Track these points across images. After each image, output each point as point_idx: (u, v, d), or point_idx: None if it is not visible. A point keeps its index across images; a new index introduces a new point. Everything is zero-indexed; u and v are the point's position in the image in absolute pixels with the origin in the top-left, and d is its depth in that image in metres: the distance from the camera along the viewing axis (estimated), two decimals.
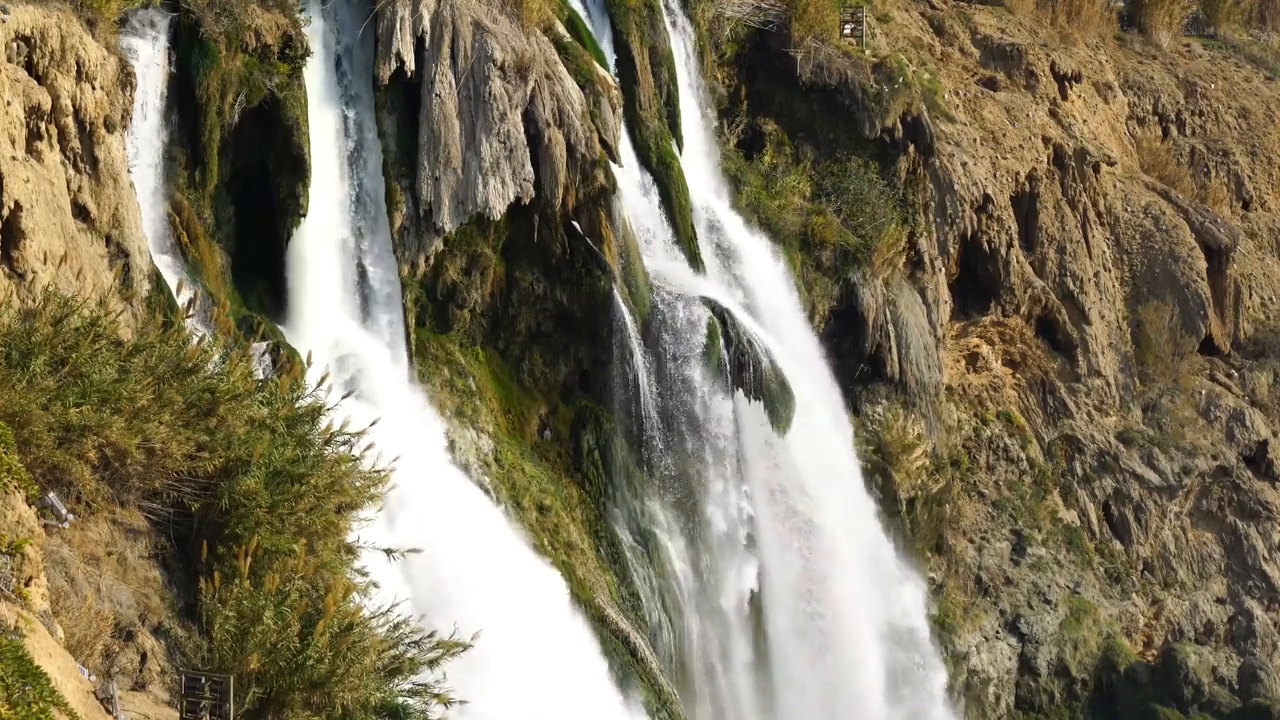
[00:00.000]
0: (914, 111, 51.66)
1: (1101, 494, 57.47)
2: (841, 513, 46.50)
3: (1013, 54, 61.42)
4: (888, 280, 50.71)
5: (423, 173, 39.13)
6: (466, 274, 40.79)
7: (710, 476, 43.16)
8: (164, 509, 21.18)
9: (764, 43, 51.54)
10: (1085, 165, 59.84)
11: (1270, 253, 67.13)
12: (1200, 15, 75.12)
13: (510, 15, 40.74)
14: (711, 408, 42.78)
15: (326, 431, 22.71)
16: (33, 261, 27.54)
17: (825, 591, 45.72)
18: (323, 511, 21.28)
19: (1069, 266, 58.08)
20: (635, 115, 45.19)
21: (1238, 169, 68.05)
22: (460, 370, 40.57)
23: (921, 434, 51.00)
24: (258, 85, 36.22)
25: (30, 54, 29.48)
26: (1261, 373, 62.57)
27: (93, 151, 31.00)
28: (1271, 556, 58.77)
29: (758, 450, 44.19)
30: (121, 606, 19.52)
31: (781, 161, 51.24)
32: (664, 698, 39.68)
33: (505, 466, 40.23)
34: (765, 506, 44.65)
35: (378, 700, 19.84)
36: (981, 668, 51.94)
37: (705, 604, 43.32)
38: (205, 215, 35.85)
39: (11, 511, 17.14)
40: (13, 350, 20.00)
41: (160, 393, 20.83)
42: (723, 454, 43.13)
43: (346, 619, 19.61)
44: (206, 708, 18.17)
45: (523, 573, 37.27)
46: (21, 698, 14.10)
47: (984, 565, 53.46)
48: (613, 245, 41.78)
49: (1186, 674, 55.16)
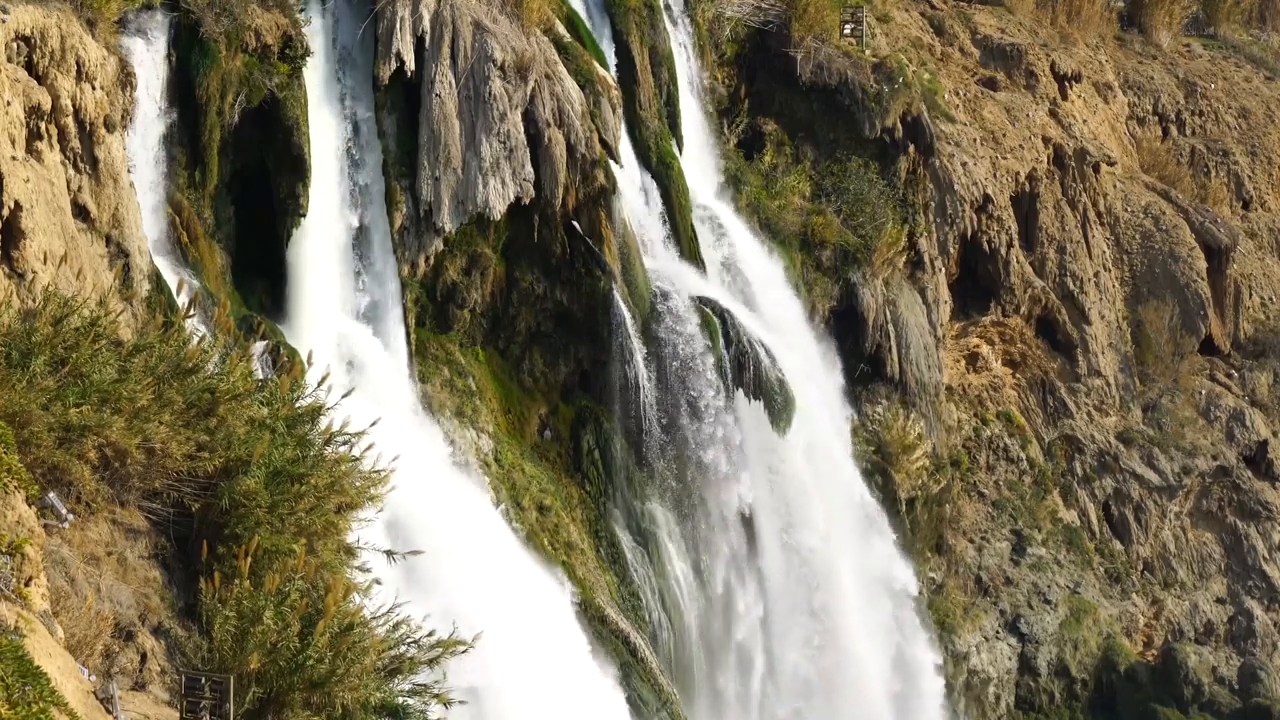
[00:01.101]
0: (914, 111, 51.67)
1: (1101, 494, 57.47)
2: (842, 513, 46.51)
3: (1013, 54, 61.43)
4: (888, 280, 50.72)
5: (423, 173, 39.14)
6: (466, 274, 40.79)
7: (710, 477, 43.16)
8: (164, 509, 21.19)
9: (764, 43, 51.54)
10: (1085, 165, 59.85)
11: (1270, 253, 67.14)
12: (1200, 15, 75.11)
13: (510, 15, 40.75)
14: (711, 408, 42.78)
15: (326, 431, 22.72)
16: (33, 261, 27.54)
17: (825, 591, 45.72)
18: (323, 511, 21.29)
19: (1069, 266, 58.09)
20: (635, 115, 45.18)
21: (1238, 169, 68.06)
22: (460, 370, 40.58)
23: (921, 434, 51.00)
24: (258, 85, 36.22)
25: (30, 54, 29.49)
26: (1261, 373, 62.58)
27: (93, 151, 31.01)
28: (1271, 556, 58.78)
29: (757, 450, 44.21)
30: (121, 606, 19.52)
31: (781, 161, 51.24)
32: (664, 698, 39.68)
33: (505, 466, 40.24)
34: (765, 506, 44.66)
35: (378, 700, 19.84)
36: (981, 668, 51.95)
37: (705, 604, 43.33)
38: (205, 215, 35.84)
39: (11, 511, 17.15)
40: (13, 350, 20.01)
41: (160, 393, 20.83)
42: (722, 454, 43.13)
43: (346, 619, 19.62)
44: (206, 708, 18.17)
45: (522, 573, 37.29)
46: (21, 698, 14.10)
47: (984, 565, 53.47)
48: (613, 245, 41.79)
49: (1186, 674, 55.17)
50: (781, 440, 44.39)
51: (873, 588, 47.51)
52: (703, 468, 43.05)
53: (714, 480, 43.21)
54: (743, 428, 43.61)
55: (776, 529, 44.96)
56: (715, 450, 43.04)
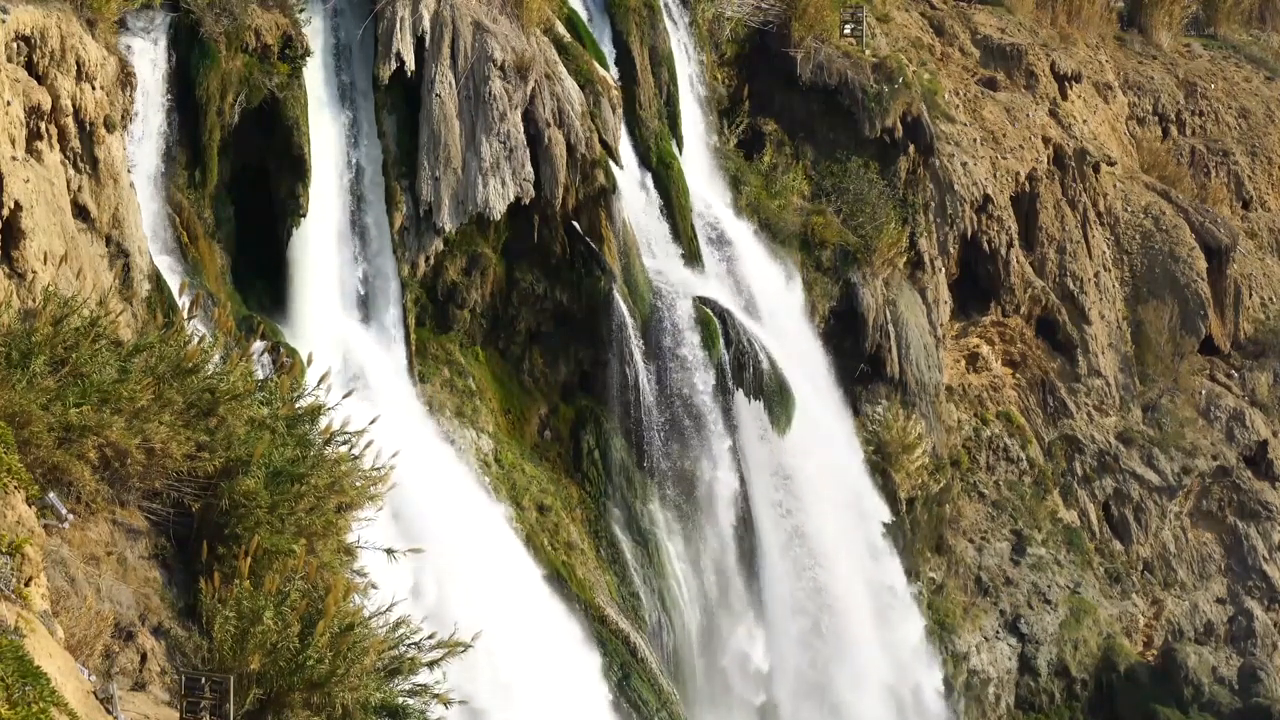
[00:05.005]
0: (914, 112, 51.65)
1: (1101, 494, 57.45)
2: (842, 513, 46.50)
3: (1013, 54, 61.41)
4: (888, 280, 50.70)
5: (423, 173, 39.15)
6: (466, 274, 40.80)
7: (709, 477, 43.16)
8: (164, 509, 21.20)
9: (764, 43, 51.52)
10: (1085, 165, 59.83)
11: (1270, 253, 67.11)
12: (1200, 15, 75.05)
13: (510, 15, 40.75)
14: (711, 408, 42.79)
15: (326, 431, 22.73)
16: (33, 261, 27.55)
17: (825, 591, 45.71)
18: (323, 511, 21.30)
19: (1069, 266, 58.07)
20: (635, 115, 45.18)
21: (1238, 169, 68.04)
22: (460, 370, 40.58)
23: (921, 434, 50.98)
24: (258, 85, 36.23)
25: (30, 54, 29.51)
26: (1261, 373, 62.55)
27: (93, 151, 31.02)
28: (1271, 556, 58.76)
29: (757, 450, 44.20)
30: (121, 606, 19.53)
31: (781, 161, 51.23)
32: (664, 698, 39.68)
33: (505, 466, 40.24)
34: (765, 507, 44.65)
35: (378, 700, 19.84)
36: (981, 668, 51.93)
37: (705, 603, 43.33)
38: (205, 215, 35.85)
39: (11, 511, 17.15)
40: (13, 350, 20.02)
41: (160, 393, 20.84)
42: (722, 454, 43.13)
43: (346, 619, 19.62)
44: (206, 708, 18.18)
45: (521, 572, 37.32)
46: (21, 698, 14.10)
47: (984, 565, 53.46)
48: (613, 245, 41.79)
49: (1186, 674, 55.15)
50: (781, 440, 44.36)
51: (873, 588, 47.50)
52: (702, 468, 43.05)
53: (714, 480, 43.21)
54: (742, 428, 43.61)
55: (776, 529, 44.93)
56: (715, 450, 43.04)
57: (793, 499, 45.14)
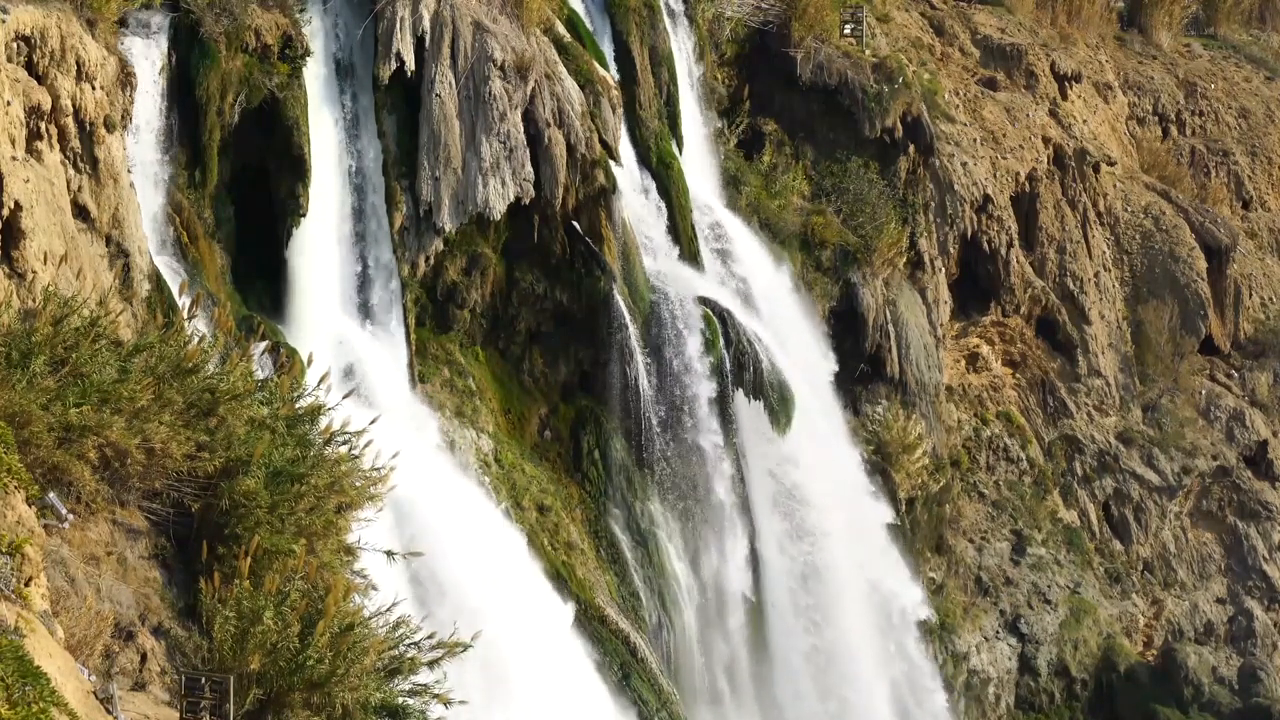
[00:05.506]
0: (914, 112, 51.65)
1: (1101, 494, 57.45)
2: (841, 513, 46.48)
3: (1013, 54, 61.41)
4: (888, 280, 50.70)
5: (423, 173, 39.15)
6: (466, 274, 40.80)
7: (710, 477, 43.15)
8: (164, 509, 21.20)
9: (764, 43, 51.52)
10: (1085, 165, 59.83)
11: (1270, 253, 67.11)
12: (1200, 15, 75.05)
13: (510, 15, 40.75)
14: (711, 408, 42.79)
15: (326, 431, 22.74)
16: (33, 261, 27.56)
17: (825, 591, 45.71)
18: (323, 511, 21.30)
19: (1069, 266, 58.07)
20: (635, 115, 45.18)
21: (1238, 169, 68.04)
22: (460, 370, 40.58)
23: (921, 434, 50.98)
24: (258, 85, 36.23)
25: (30, 54, 29.51)
26: (1261, 373, 62.54)
27: (93, 151, 31.03)
28: (1271, 556, 58.77)
29: (757, 450, 44.20)
30: (121, 606, 19.53)
31: (781, 161, 51.23)
32: (664, 698, 39.68)
33: (505, 466, 40.24)
34: (764, 507, 44.65)
35: (378, 700, 19.84)
36: (981, 668, 51.93)
37: (705, 603, 43.32)
38: (205, 215, 35.85)
39: (11, 511, 17.15)
40: (13, 350, 20.02)
41: (160, 393, 20.85)
42: (722, 454, 43.13)
43: (346, 619, 19.62)
44: (206, 708, 18.18)
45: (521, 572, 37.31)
46: (21, 698, 14.11)
47: (984, 565, 53.46)
48: (613, 245, 41.80)
49: (1186, 674, 55.15)
50: (781, 440, 44.36)
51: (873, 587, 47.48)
52: (702, 468, 43.04)
53: (713, 480, 43.21)
54: (742, 428, 43.60)
55: (776, 528, 44.93)
56: (715, 450, 43.04)
57: (792, 498, 45.13)
